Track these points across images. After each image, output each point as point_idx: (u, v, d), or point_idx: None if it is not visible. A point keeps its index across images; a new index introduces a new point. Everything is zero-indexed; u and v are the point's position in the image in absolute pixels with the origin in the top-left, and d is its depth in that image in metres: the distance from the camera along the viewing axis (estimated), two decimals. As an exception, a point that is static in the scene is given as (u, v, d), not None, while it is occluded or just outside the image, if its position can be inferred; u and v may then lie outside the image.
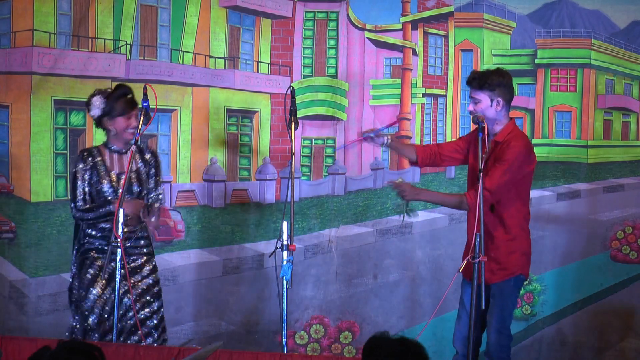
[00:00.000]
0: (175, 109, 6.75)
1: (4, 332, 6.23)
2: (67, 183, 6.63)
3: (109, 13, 6.68)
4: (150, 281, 5.42)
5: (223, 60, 6.85)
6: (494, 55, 6.85)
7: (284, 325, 5.16)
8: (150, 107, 5.16)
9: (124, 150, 5.40)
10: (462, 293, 5.23)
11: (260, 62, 6.89)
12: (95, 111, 5.34)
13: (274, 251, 5.15)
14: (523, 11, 6.82)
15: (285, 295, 5.11)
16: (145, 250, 5.44)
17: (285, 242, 5.10)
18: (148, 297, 5.37)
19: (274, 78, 6.90)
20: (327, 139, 6.90)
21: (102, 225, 5.34)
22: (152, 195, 5.47)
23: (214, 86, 6.84)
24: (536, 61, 6.84)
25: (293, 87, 5.38)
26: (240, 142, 6.90)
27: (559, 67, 6.86)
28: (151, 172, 5.48)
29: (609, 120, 6.85)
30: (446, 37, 6.91)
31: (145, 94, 5.13)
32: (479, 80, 5.07)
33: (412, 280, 6.75)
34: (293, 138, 5.24)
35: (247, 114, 6.91)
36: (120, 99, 5.33)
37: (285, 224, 5.11)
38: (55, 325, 6.44)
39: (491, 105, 5.05)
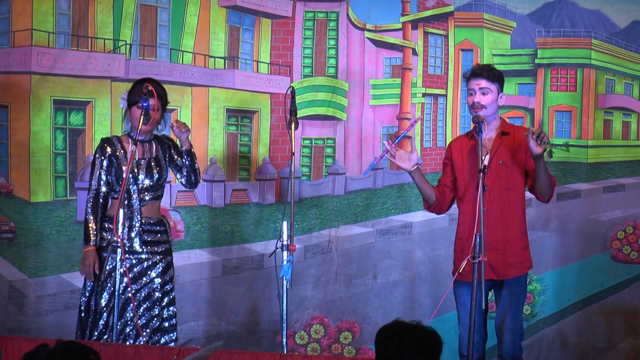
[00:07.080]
0: (175, 109, 6.74)
1: (3, 332, 6.22)
2: (67, 183, 6.64)
3: (109, 13, 6.68)
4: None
5: (223, 60, 6.84)
6: (494, 55, 6.84)
7: (284, 325, 5.16)
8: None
9: (145, 139, 5.38)
10: (460, 296, 4.98)
11: (260, 62, 6.88)
12: (123, 103, 5.42)
13: (274, 251, 5.14)
14: (523, 11, 6.82)
15: (285, 295, 5.10)
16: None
17: (285, 242, 5.10)
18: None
19: (273, 78, 6.89)
20: (327, 139, 6.89)
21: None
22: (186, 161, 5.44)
23: (214, 86, 6.83)
24: (536, 61, 6.84)
25: (293, 87, 5.38)
26: (240, 142, 6.89)
27: (559, 66, 6.85)
28: (172, 151, 5.45)
29: (609, 120, 6.84)
30: (446, 36, 6.90)
31: (145, 94, 5.13)
32: (489, 72, 4.97)
33: (412, 280, 6.74)
34: (293, 138, 5.23)
35: (246, 114, 6.90)
36: (135, 90, 5.33)
37: (285, 224, 5.11)
38: (54, 325, 6.43)
39: (497, 99, 4.99)
